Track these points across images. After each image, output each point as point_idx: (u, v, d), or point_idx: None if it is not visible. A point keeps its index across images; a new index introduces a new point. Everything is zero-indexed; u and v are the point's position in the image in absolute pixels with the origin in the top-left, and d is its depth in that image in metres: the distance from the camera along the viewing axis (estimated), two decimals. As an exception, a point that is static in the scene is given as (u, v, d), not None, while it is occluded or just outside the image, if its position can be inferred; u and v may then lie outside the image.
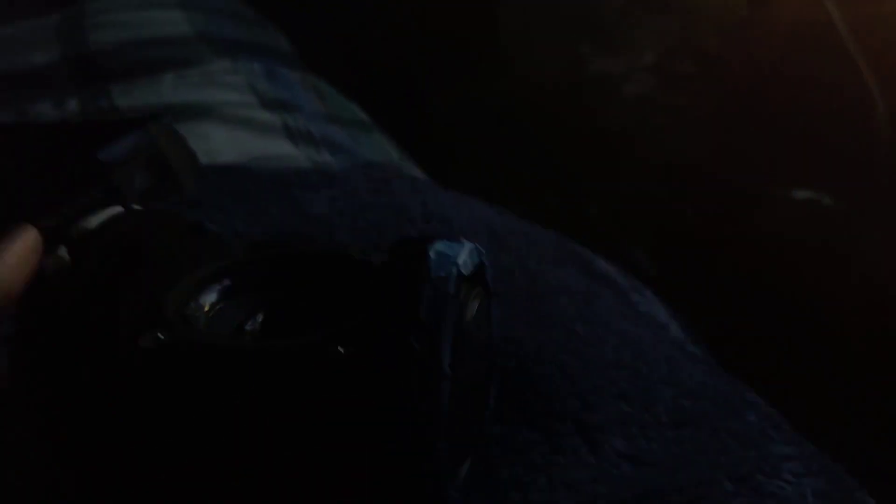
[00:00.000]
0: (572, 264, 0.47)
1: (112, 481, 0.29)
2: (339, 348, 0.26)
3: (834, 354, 0.80)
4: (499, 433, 0.33)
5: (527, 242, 0.47)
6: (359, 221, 0.46)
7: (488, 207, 0.51)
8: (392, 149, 0.77)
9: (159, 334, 0.27)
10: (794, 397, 0.42)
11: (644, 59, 0.94)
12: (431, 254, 0.27)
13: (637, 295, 0.49)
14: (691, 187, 0.89)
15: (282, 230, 0.46)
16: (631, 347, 0.37)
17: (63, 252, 0.30)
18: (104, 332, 0.29)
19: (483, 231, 0.47)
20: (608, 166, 0.85)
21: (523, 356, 0.35)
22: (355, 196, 0.49)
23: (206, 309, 0.30)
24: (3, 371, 0.29)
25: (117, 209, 0.32)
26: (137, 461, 0.28)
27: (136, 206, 0.35)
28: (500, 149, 0.91)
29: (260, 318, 0.29)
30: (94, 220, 0.31)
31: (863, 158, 0.87)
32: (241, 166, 0.59)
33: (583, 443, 0.31)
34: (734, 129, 0.89)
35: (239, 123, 0.71)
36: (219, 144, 0.66)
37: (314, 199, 0.49)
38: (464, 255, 0.27)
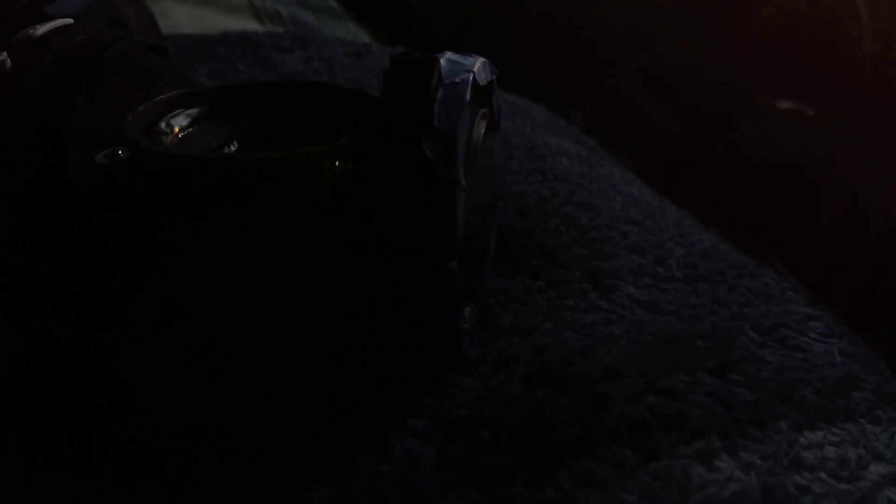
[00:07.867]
0: (567, 136, 0.44)
1: (64, 327, 0.25)
2: (336, 163, 0.22)
3: (812, 264, 0.78)
4: (498, 286, 0.30)
5: (520, 110, 0.44)
6: (337, 80, 0.42)
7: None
8: (366, 37, 0.73)
9: (120, 151, 0.24)
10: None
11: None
12: (443, 61, 0.23)
13: (632, 174, 0.46)
14: (674, 95, 0.86)
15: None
16: (640, 207, 0.34)
17: (4, 57, 0.26)
18: (54, 149, 0.25)
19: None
20: (592, 72, 0.82)
21: (523, 209, 0.32)
22: (332, 58, 0.45)
23: (175, 131, 0.26)
24: None
25: (66, 20, 0.28)
26: (92, 299, 0.25)
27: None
28: (482, 50, 0.86)
29: (236, 144, 0.26)
30: (40, 29, 0.27)
31: (847, 69, 0.86)
32: (205, 35, 0.55)
33: (592, 288, 0.28)
34: (719, 36, 0.86)
35: (201, 1, 0.66)
36: (180, 19, 0.62)
37: (287, 58, 0.44)
38: (478, 66, 0.24)
